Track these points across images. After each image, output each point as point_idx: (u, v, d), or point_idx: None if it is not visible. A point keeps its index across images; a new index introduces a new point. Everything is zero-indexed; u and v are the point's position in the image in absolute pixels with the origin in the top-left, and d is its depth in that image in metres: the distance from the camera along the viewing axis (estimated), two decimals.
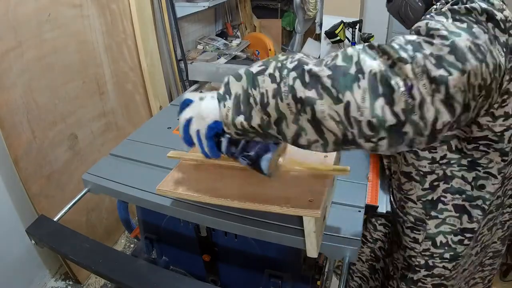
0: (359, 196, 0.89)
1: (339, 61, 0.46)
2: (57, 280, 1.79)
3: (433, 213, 0.82)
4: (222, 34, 3.24)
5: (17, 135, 1.38)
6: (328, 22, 3.27)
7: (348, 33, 3.22)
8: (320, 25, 3.54)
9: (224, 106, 0.54)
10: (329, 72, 0.45)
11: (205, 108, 0.59)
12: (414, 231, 0.85)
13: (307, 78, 0.46)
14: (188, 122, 0.61)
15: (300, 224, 0.78)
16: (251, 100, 0.51)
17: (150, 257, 1.13)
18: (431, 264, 0.86)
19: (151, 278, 0.73)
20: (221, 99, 0.55)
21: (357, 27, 3.21)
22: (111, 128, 1.88)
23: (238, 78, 0.53)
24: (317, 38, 3.79)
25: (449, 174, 0.77)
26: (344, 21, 3.15)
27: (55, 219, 0.88)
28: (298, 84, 0.47)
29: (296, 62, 0.49)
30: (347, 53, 0.46)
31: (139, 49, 1.97)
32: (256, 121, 0.51)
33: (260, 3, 4.02)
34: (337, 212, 0.84)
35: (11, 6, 1.30)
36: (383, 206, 0.95)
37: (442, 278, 0.87)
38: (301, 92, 0.46)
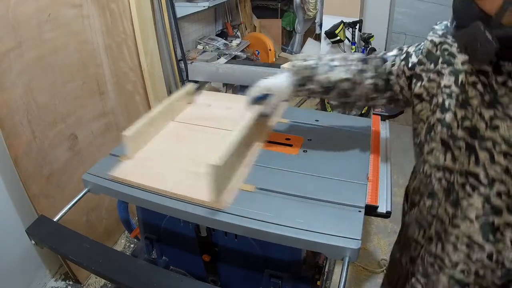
0: (359, 196, 0.89)
1: None
2: (57, 280, 1.79)
3: None
4: (222, 34, 3.24)
5: (17, 135, 1.38)
6: (328, 22, 3.27)
7: (348, 33, 3.22)
8: (320, 25, 3.54)
9: None
10: None
11: None
12: None
13: None
14: None
15: (300, 225, 0.78)
16: None
17: (150, 257, 1.13)
18: None
19: (151, 278, 0.73)
20: None
21: (357, 27, 3.21)
22: (111, 128, 1.88)
23: None
24: (317, 38, 3.80)
25: None
26: (344, 21, 3.15)
27: (55, 219, 0.88)
28: None
29: None
30: None
31: (139, 49, 1.97)
32: None
33: (260, 3, 4.02)
34: (337, 212, 0.84)
35: (11, 6, 1.30)
36: (383, 206, 0.95)
37: None
38: None
